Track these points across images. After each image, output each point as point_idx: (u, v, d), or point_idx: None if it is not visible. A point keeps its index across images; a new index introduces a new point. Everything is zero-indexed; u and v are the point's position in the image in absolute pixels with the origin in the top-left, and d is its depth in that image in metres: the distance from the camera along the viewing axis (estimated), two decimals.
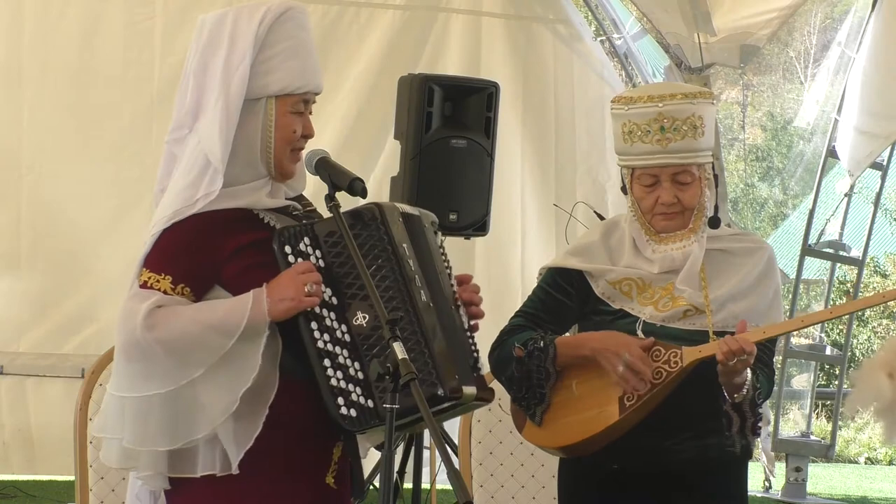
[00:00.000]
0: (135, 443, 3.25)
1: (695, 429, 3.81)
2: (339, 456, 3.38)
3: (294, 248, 3.27)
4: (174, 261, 3.28)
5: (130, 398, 3.24)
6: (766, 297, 3.87)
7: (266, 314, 3.20)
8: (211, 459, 3.26)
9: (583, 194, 8.81)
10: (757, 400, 3.76)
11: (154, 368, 3.21)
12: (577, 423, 3.79)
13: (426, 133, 6.30)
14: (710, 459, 3.82)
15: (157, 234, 3.31)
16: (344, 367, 3.23)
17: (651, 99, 3.83)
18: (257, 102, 3.35)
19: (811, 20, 25.26)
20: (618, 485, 3.84)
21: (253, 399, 3.23)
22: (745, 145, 27.75)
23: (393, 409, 3.03)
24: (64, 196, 8.25)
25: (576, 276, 3.92)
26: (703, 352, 3.71)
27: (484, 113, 6.45)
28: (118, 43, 8.40)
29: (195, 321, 3.21)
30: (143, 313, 3.20)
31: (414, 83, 6.35)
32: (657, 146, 3.81)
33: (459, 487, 2.88)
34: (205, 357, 3.19)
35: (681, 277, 3.84)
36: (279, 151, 3.38)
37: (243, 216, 3.33)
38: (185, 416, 3.21)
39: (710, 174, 3.89)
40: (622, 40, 9.59)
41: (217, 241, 3.29)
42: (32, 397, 8.32)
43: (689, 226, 3.86)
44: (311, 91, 3.41)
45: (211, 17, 3.39)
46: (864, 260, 10.68)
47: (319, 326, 3.24)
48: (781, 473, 10.31)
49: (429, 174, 6.30)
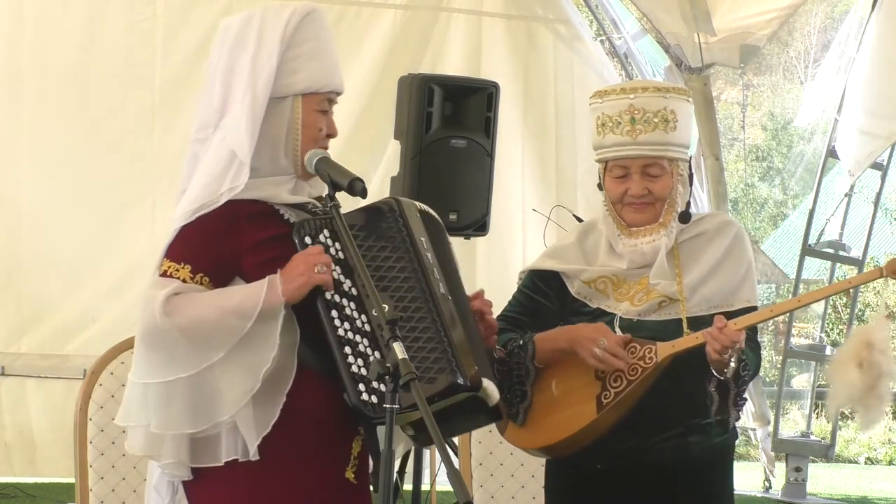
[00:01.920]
0: (161, 427, 3.28)
1: (678, 427, 3.82)
2: (358, 451, 3.39)
3: (314, 239, 3.32)
4: (194, 251, 3.33)
5: (154, 384, 3.28)
6: (737, 274, 3.87)
7: (280, 296, 3.24)
8: (233, 446, 3.29)
9: (583, 194, 8.82)
10: (742, 372, 3.76)
11: (175, 354, 3.25)
12: (556, 423, 3.81)
13: (426, 133, 6.30)
14: (693, 457, 3.83)
15: (179, 227, 3.34)
16: (364, 355, 3.25)
17: (623, 91, 3.88)
18: (283, 101, 3.40)
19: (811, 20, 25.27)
20: (602, 485, 3.86)
21: (271, 385, 3.26)
22: (745, 145, 27.75)
23: (393, 409, 3.04)
24: (65, 196, 8.25)
25: (553, 277, 3.95)
26: (677, 346, 3.73)
27: (484, 113, 6.45)
28: (119, 42, 8.40)
29: (213, 306, 3.25)
30: (162, 300, 3.24)
31: (414, 83, 6.35)
32: (627, 137, 3.84)
33: (459, 487, 2.88)
34: (224, 340, 3.24)
35: (653, 271, 3.85)
36: (305, 149, 3.42)
37: (264, 211, 3.37)
38: (207, 400, 3.26)
39: (684, 171, 3.89)
40: (622, 40, 9.59)
41: (238, 233, 3.33)
42: (33, 398, 8.32)
43: (660, 220, 3.87)
44: (334, 90, 3.46)
45: (236, 19, 3.46)
46: (864, 260, 10.68)
47: (340, 315, 3.27)
48: (781, 473, 10.31)
49: (429, 174, 6.29)
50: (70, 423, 4.27)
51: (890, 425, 15.16)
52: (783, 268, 19.29)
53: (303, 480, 3.32)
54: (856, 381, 3.79)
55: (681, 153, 3.88)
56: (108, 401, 4.21)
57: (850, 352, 3.83)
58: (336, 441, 3.36)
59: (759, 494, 10.30)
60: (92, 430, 4.21)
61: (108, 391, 4.23)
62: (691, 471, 3.85)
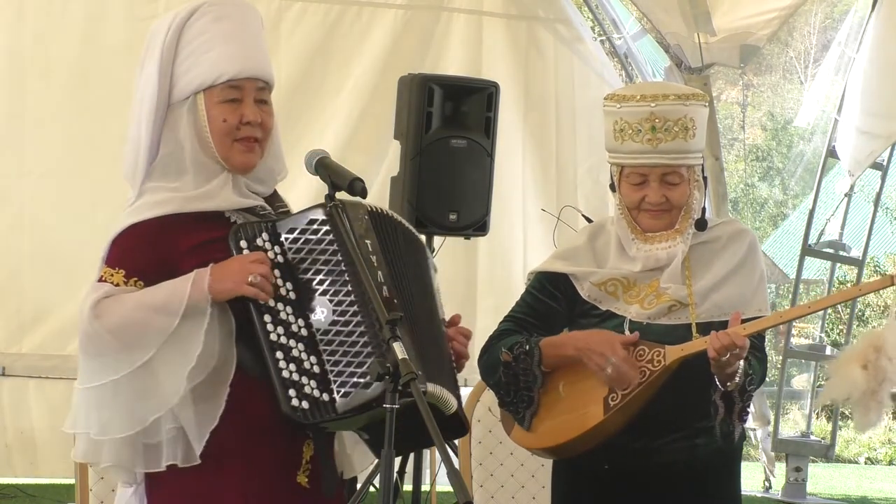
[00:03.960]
0: (99, 433, 3.27)
1: (685, 429, 3.81)
2: (311, 455, 3.37)
3: (251, 242, 3.28)
4: (128, 256, 3.33)
5: (90, 389, 3.27)
6: (750, 283, 3.87)
7: (206, 292, 3.21)
8: (173, 451, 3.27)
9: (583, 194, 8.82)
10: (748, 387, 3.76)
11: (107, 357, 3.24)
12: (563, 424, 3.80)
13: (426, 133, 6.31)
14: (700, 459, 3.82)
15: (114, 235, 3.38)
16: (298, 360, 3.22)
17: (644, 98, 3.83)
18: (183, 104, 3.39)
19: (811, 20, 25.27)
20: (609, 485, 3.85)
21: (211, 381, 3.24)
22: (745, 145, 27.75)
23: (393, 409, 3.03)
24: (67, 195, 8.25)
25: (562, 279, 3.93)
26: (685, 350, 3.72)
27: (484, 113, 6.45)
28: (119, 42, 8.40)
29: (139, 305, 3.23)
30: (90, 304, 3.25)
31: (414, 83, 6.36)
32: (648, 146, 3.81)
33: (459, 487, 2.88)
34: (151, 340, 3.22)
35: (665, 275, 3.84)
36: (218, 144, 3.38)
37: (209, 216, 3.35)
38: (140, 401, 3.23)
39: (700, 176, 3.89)
40: (622, 40, 9.59)
41: (173, 237, 3.32)
42: (35, 399, 8.32)
43: (676, 226, 3.86)
44: (236, 77, 3.38)
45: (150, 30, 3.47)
46: (864, 260, 10.69)
47: (273, 320, 3.24)
48: (781, 473, 10.31)
49: (429, 174, 6.30)
50: None
51: (890, 425, 15.16)
52: (783, 268, 19.29)
53: (254, 485, 3.29)
54: (858, 381, 3.78)
55: (698, 159, 3.88)
56: None
57: (858, 352, 3.82)
58: (284, 446, 3.32)
59: (759, 494, 10.30)
60: None
61: None
62: (698, 472, 3.84)
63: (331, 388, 3.21)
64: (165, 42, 3.37)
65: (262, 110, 3.42)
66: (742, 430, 3.90)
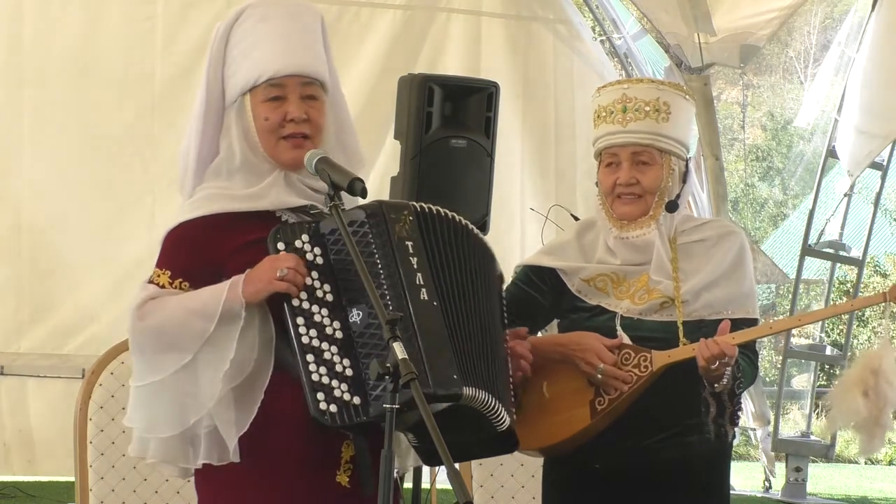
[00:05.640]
0: (145, 431, 3.33)
1: (675, 427, 3.81)
2: (350, 455, 3.36)
3: (289, 244, 3.28)
4: (174, 256, 3.35)
5: (137, 388, 3.33)
6: (742, 284, 3.86)
7: (241, 296, 3.23)
8: (209, 451, 3.30)
9: (582, 194, 8.82)
10: (737, 390, 3.76)
11: (150, 357, 3.28)
12: (549, 426, 3.80)
13: (426, 133, 6.30)
14: (690, 457, 3.82)
15: (165, 232, 3.39)
16: (330, 362, 3.21)
17: (619, 83, 3.91)
18: (233, 105, 3.42)
19: (811, 20, 25.27)
20: (600, 483, 3.85)
21: (246, 384, 3.26)
22: (745, 145, 27.75)
23: (393, 409, 3.02)
24: (65, 195, 8.25)
25: (549, 273, 3.93)
26: (672, 357, 3.71)
27: (484, 113, 6.44)
28: (119, 42, 8.40)
29: (180, 307, 3.26)
30: (136, 305, 3.29)
31: (414, 83, 6.35)
32: (617, 126, 3.85)
33: (459, 487, 2.88)
34: (189, 343, 3.25)
35: (653, 267, 3.83)
36: (265, 142, 3.40)
37: (261, 215, 3.36)
38: (181, 403, 3.27)
39: (677, 167, 3.86)
40: (622, 40, 9.60)
41: (220, 237, 3.33)
42: (33, 398, 8.32)
43: (650, 213, 3.85)
44: (276, 75, 3.39)
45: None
46: (864, 260, 10.69)
47: (307, 322, 3.23)
48: (781, 473, 10.31)
49: (429, 174, 6.29)
50: (70, 423, 4.26)
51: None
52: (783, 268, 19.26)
53: (294, 485, 3.31)
54: (861, 409, 3.78)
55: (673, 147, 3.85)
56: (108, 401, 4.21)
57: (857, 378, 3.80)
58: (323, 446, 3.32)
59: (759, 494, 10.31)
60: (92, 430, 4.21)
61: (108, 391, 4.23)
62: (688, 470, 3.84)
63: (364, 391, 3.20)
64: (213, 48, 3.43)
65: (310, 106, 3.43)
66: (732, 434, 3.90)
